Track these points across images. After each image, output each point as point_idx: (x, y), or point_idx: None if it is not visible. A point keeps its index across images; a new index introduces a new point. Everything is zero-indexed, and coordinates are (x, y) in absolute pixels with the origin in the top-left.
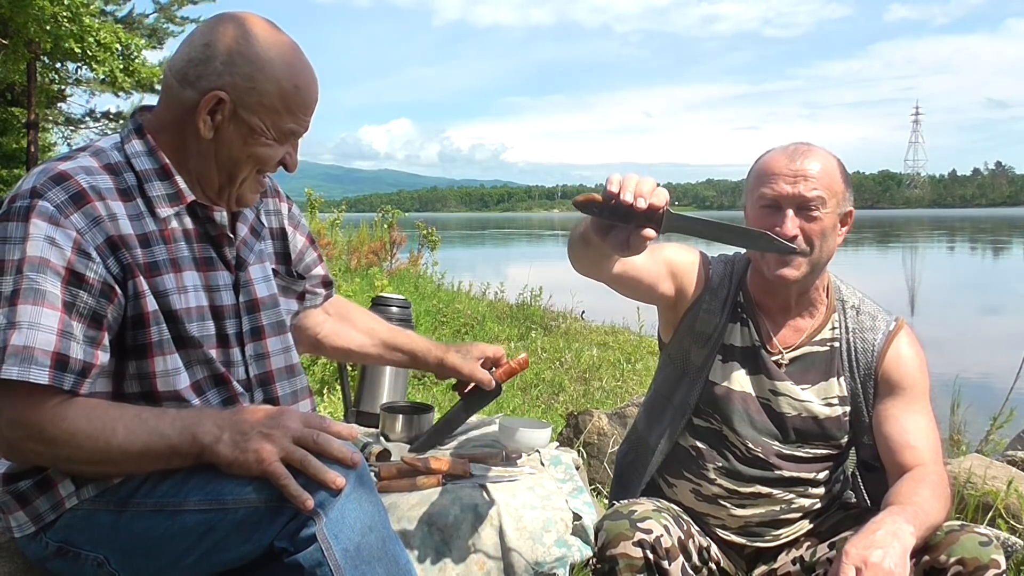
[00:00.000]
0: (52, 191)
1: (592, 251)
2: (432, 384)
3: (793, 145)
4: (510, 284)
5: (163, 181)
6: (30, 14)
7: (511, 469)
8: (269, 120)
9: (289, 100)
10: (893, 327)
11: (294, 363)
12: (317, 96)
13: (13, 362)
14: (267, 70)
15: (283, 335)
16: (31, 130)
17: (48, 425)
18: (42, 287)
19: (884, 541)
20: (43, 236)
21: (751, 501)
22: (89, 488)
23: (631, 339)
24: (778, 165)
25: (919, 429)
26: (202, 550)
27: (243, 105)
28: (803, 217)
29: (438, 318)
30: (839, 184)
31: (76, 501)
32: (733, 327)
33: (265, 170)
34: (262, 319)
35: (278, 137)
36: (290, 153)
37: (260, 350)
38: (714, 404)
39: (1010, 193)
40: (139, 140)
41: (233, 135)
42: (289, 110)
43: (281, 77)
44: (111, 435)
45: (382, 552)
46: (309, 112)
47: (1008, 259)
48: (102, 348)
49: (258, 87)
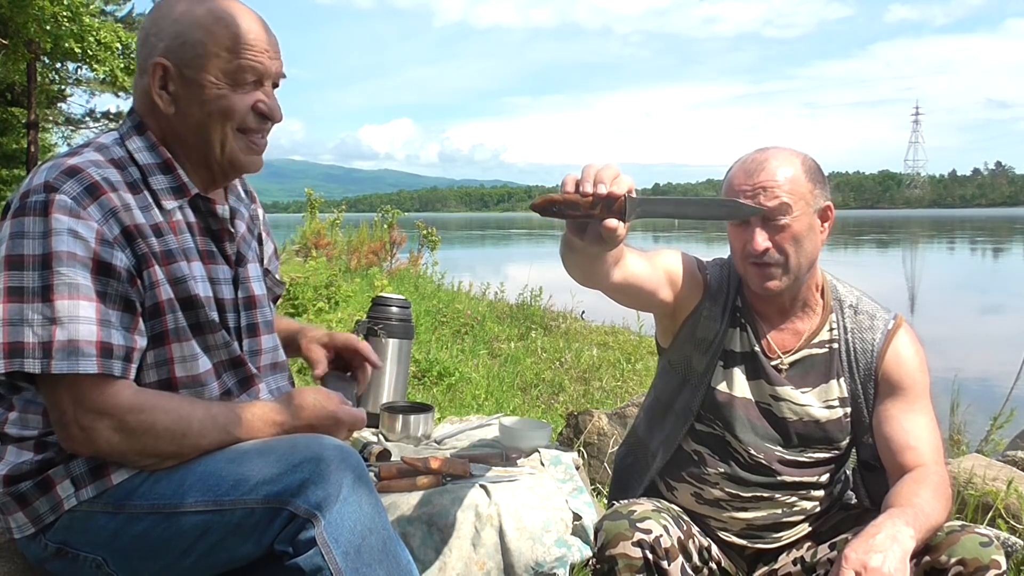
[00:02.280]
0: (67, 184)
1: (578, 254)
2: (432, 384)
3: (752, 155)
4: (510, 284)
5: (166, 175)
6: (30, 14)
7: (511, 469)
8: (213, 68)
9: (222, 40)
10: (892, 325)
11: (280, 360)
12: (260, 31)
13: (61, 356)
14: (190, 20)
15: (272, 334)
16: (31, 130)
17: (127, 415)
18: (75, 280)
19: (884, 545)
20: (66, 230)
21: (752, 505)
22: (88, 489)
23: (631, 339)
24: (738, 181)
25: (919, 429)
26: (200, 552)
27: (184, 64)
28: (770, 229)
29: (438, 318)
30: (804, 184)
31: (75, 502)
32: (733, 332)
33: (238, 123)
34: (257, 316)
35: (231, 83)
36: (262, 100)
37: (255, 346)
38: (716, 410)
39: (1010, 193)
40: (139, 136)
41: (190, 98)
42: (229, 49)
43: (206, 22)
44: (187, 430)
45: (383, 553)
46: (255, 47)
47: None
48: (139, 332)
49: (188, 40)
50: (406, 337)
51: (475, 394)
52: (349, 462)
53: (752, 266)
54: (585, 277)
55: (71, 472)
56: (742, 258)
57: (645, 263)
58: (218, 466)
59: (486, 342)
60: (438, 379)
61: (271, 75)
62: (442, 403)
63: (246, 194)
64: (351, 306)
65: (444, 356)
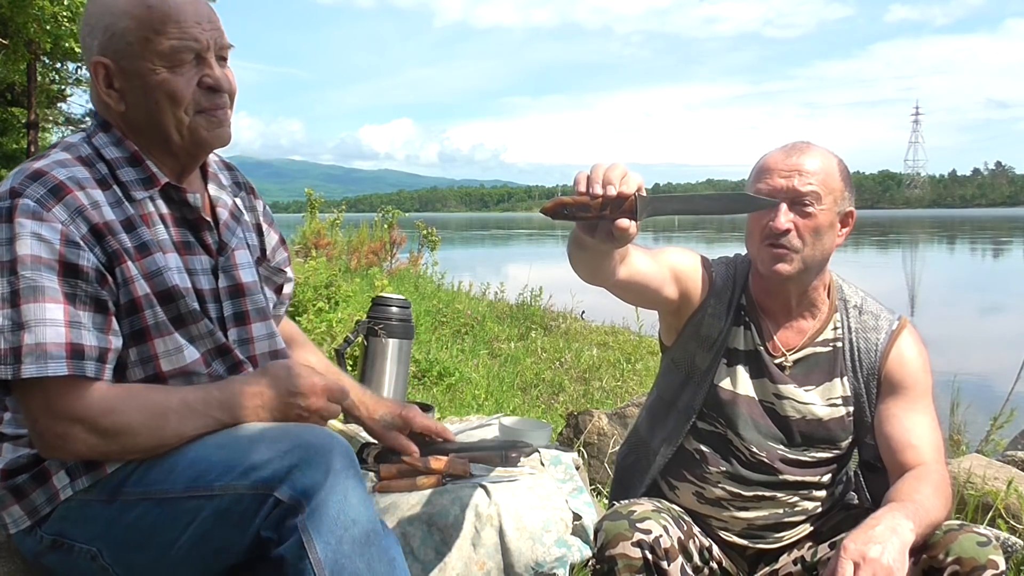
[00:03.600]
0: (31, 188)
1: (588, 253)
2: (432, 384)
3: (793, 143)
4: (510, 284)
5: (135, 167)
6: (30, 14)
7: (511, 469)
8: (148, 54)
9: (149, 23)
10: (896, 326)
11: (279, 348)
12: (185, 4)
13: (30, 360)
14: (115, 10)
15: (267, 321)
16: (31, 130)
17: (100, 418)
18: (40, 283)
19: (883, 536)
20: (29, 233)
21: (754, 505)
22: (83, 479)
23: (631, 339)
24: (774, 161)
25: (921, 428)
26: (190, 540)
27: (120, 57)
28: (797, 212)
29: (438, 318)
30: (837, 182)
31: (71, 492)
32: (737, 330)
33: (188, 104)
34: (246, 304)
35: (168, 65)
36: (207, 73)
37: (244, 335)
38: (719, 408)
39: (1010, 193)
40: (105, 133)
41: (135, 90)
42: (156, 30)
43: (129, 7)
44: (164, 423)
45: (365, 545)
46: (184, 22)
47: (1008, 259)
48: (113, 332)
49: (117, 31)
50: (406, 337)
51: (475, 394)
52: (337, 451)
53: (768, 247)
54: (592, 275)
55: (66, 463)
56: (760, 238)
57: (650, 260)
58: (208, 451)
59: (486, 342)
60: (438, 379)
61: (210, 48)
62: (442, 403)
63: (238, 185)
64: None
65: (444, 356)
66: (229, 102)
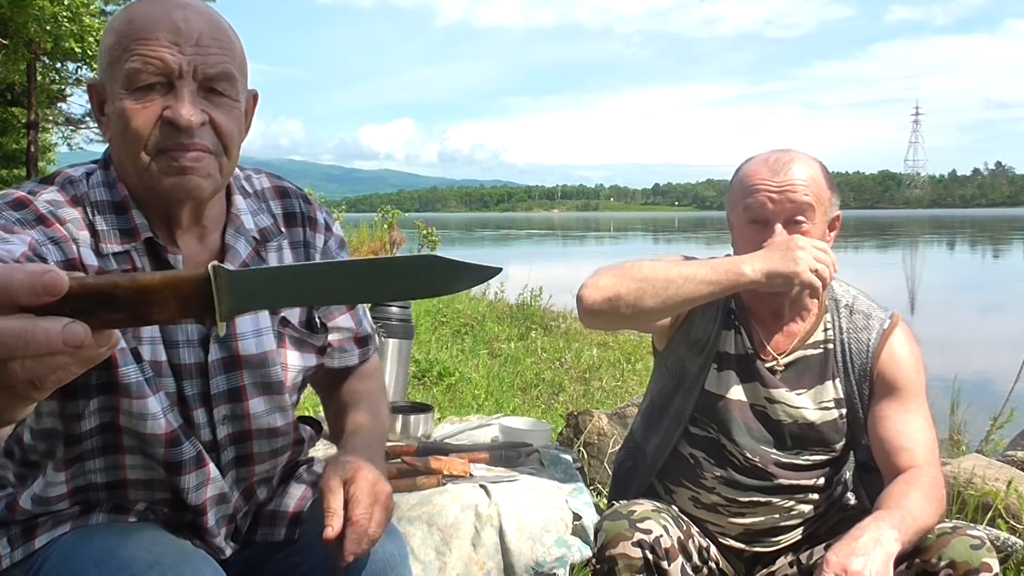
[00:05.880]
0: (6, 212)
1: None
2: (432, 384)
3: (774, 155)
4: (510, 284)
5: (120, 215)
6: (30, 14)
7: (511, 469)
8: (116, 75)
9: (124, 37)
10: (888, 325)
11: (278, 425)
12: (165, 17)
13: None
14: (109, 26)
15: (270, 395)
16: (31, 130)
17: None
18: None
19: (866, 548)
20: None
21: (750, 510)
22: (18, 552)
23: (631, 339)
24: (760, 178)
25: (914, 430)
26: None
27: (104, 78)
28: (792, 231)
29: (438, 318)
30: (825, 191)
31: (8, 563)
32: (727, 335)
33: (142, 140)
34: (243, 378)
35: (126, 87)
36: (169, 105)
37: (238, 411)
38: (711, 414)
39: (1010, 193)
40: (103, 171)
41: (111, 119)
42: (124, 48)
43: (114, 23)
44: None
45: None
46: (149, 37)
47: (1008, 259)
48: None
49: (104, 48)
50: (406, 337)
51: (475, 394)
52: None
53: None
54: (664, 312)
55: (9, 531)
56: (754, 250)
57: None
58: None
59: (486, 342)
60: (438, 379)
61: (185, 74)
62: (442, 403)
63: (291, 218)
64: None
65: (444, 356)
66: (208, 145)
